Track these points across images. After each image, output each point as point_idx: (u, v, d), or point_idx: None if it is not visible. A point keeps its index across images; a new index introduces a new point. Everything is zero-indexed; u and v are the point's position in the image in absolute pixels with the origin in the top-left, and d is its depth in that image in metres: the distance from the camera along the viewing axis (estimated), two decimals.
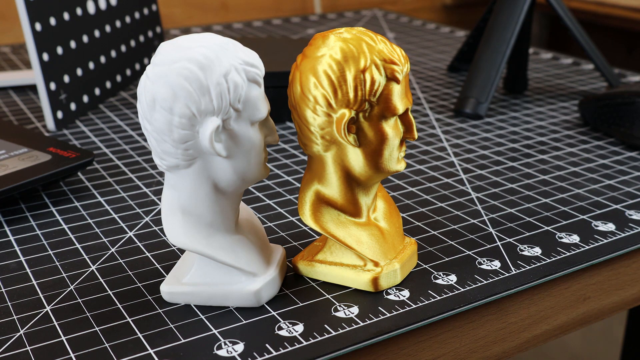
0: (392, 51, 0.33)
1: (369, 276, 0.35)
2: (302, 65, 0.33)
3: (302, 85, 0.33)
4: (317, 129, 0.33)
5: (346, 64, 0.32)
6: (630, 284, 0.42)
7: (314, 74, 0.32)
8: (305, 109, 0.33)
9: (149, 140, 0.32)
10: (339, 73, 0.32)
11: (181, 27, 1.01)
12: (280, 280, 0.35)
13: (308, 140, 0.34)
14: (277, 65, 0.60)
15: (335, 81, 0.32)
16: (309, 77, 0.32)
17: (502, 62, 0.63)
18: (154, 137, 0.32)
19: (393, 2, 1.59)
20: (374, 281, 0.35)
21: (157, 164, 0.33)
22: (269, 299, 0.34)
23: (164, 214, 0.33)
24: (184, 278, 0.35)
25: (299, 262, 0.37)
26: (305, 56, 0.33)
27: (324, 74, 0.32)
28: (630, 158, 0.53)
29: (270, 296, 0.34)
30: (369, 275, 0.35)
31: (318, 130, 0.33)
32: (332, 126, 0.33)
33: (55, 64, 0.58)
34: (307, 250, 0.38)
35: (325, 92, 0.32)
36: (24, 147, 0.48)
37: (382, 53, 0.32)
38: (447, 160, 0.53)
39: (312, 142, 0.34)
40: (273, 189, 0.48)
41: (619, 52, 1.71)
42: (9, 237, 0.41)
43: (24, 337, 0.32)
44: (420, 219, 0.43)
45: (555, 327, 0.39)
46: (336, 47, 0.32)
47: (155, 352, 0.31)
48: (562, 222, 0.43)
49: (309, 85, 0.32)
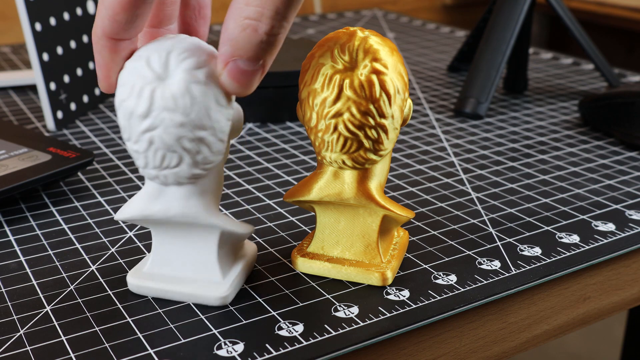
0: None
1: (380, 271, 0.35)
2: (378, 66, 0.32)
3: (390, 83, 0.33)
4: (397, 123, 0.33)
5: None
6: (630, 284, 0.42)
7: (399, 74, 0.33)
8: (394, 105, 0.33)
9: (193, 158, 0.31)
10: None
11: None
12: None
13: (387, 144, 0.33)
14: (277, 65, 0.60)
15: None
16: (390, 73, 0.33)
17: (502, 62, 0.63)
18: (210, 142, 0.31)
19: (393, 2, 1.59)
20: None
21: (188, 178, 0.32)
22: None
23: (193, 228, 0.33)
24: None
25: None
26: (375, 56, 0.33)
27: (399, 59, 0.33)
28: (630, 158, 0.53)
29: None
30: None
31: (398, 125, 0.33)
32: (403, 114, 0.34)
33: (55, 64, 0.58)
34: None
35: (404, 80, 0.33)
36: (24, 147, 0.48)
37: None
38: (447, 160, 0.53)
39: (390, 143, 0.34)
40: (273, 189, 0.48)
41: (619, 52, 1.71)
42: (9, 237, 0.41)
43: (24, 337, 0.32)
44: (420, 219, 0.43)
45: (555, 327, 0.39)
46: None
47: (155, 352, 0.31)
48: (562, 222, 0.43)
49: (396, 81, 0.33)
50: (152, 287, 0.35)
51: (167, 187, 0.32)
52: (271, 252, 0.39)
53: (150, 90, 0.29)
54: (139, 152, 0.31)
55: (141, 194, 0.33)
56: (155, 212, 0.33)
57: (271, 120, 0.61)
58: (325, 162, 0.35)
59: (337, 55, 0.32)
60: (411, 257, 0.39)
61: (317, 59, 0.33)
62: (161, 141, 0.30)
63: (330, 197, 0.35)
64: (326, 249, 0.37)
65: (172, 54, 0.30)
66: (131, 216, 0.33)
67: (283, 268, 0.38)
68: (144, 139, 0.30)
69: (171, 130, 0.30)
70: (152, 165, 0.31)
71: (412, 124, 0.61)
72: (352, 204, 0.35)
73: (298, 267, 0.37)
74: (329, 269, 0.36)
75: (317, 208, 0.37)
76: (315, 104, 0.33)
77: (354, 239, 0.37)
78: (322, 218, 0.37)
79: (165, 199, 0.33)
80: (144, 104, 0.29)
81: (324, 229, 0.37)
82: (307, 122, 0.34)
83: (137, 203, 0.33)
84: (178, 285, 0.34)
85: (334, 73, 0.32)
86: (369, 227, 0.36)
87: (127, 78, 0.30)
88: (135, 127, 0.30)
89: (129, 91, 0.30)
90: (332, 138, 0.33)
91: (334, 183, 0.35)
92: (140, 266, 0.36)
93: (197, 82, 0.30)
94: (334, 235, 0.37)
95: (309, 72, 0.33)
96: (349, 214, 0.36)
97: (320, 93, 0.32)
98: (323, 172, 0.35)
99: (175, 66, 0.30)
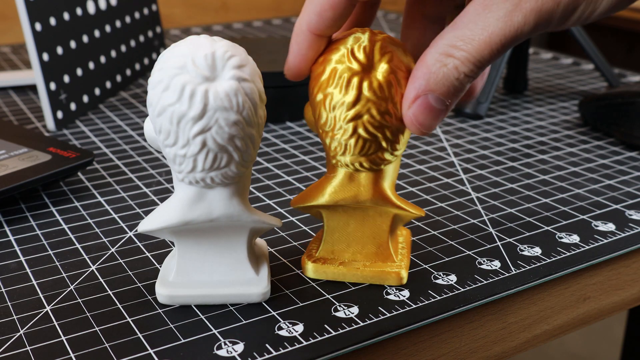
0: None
1: (395, 271, 0.36)
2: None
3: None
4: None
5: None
6: (630, 284, 0.42)
7: (411, 60, 0.33)
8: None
9: (241, 156, 0.31)
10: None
11: (181, 27, 1.01)
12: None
13: (403, 143, 0.33)
14: (277, 65, 0.60)
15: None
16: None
17: (502, 62, 0.63)
18: (256, 138, 0.31)
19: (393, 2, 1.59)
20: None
21: (234, 178, 0.32)
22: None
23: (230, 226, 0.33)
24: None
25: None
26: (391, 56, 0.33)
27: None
28: (630, 158, 0.53)
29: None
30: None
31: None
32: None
33: (55, 64, 0.58)
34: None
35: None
36: (24, 147, 0.48)
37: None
38: (447, 160, 0.53)
39: (404, 143, 0.34)
40: (273, 189, 0.48)
41: (619, 52, 1.71)
42: (9, 237, 0.41)
43: (24, 337, 0.32)
44: (421, 219, 0.43)
45: (555, 327, 0.39)
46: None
47: (155, 352, 0.31)
48: (562, 222, 0.43)
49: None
50: (188, 295, 0.34)
51: (208, 189, 0.32)
52: (271, 252, 0.39)
53: (203, 92, 0.29)
54: (187, 156, 0.30)
55: (175, 200, 0.32)
56: (197, 217, 0.32)
57: (271, 120, 0.61)
58: (339, 166, 0.34)
59: (352, 57, 0.32)
60: (411, 257, 0.39)
61: (332, 62, 0.32)
62: (214, 142, 0.30)
63: (346, 201, 0.34)
64: (337, 252, 0.37)
65: (217, 54, 0.30)
66: (168, 224, 0.32)
67: (283, 268, 0.38)
68: (196, 141, 0.30)
69: (225, 130, 0.30)
70: (201, 167, 0.31)
71: None
72: (365, 206, 0.35)
73: (309, 273, 0.36)
74: (344, 274, 0.36)
75: (325, 212, 0.36)
76: (332, 107, 0.32)
77: (365, 240, 0.36)
78: (330, 222, 0.36)
79: (207, 202, 0.32)
80: (198, 106, 0.29)
81: (332, 232, 0.36)
82: (321, 125, 0.33)
83: (173, 210, 0.32)
84: (215, 289, 0.34)
85: (352, 75, 0.32)
86: (379, 227, 0.36)
87: (173, 82, 0.29)
88: (186, 130, 0.30)
89: (177, 95, 0.29)
90: (351, 140, 0.32)
91: (349, 186, 0.34)
92: (164, 276, 0.35)
93: (245, 79, 0.30)
94: (344, 238, 0.36)
95: (324, 75, 0.32)
96: (358, 215, 0.36)
97: (338, 96, 0.32)
98: (336, 175, 0.34)
99: (223, 65, 0.30)
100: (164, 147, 0.31)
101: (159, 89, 0.30)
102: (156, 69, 0.30)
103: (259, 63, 0.38)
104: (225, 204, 0.32)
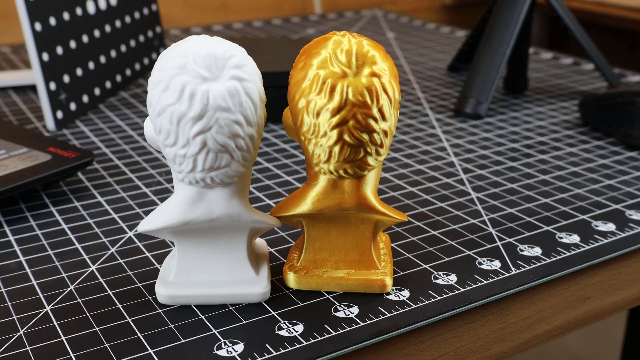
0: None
1: (379, 278, 0.35)
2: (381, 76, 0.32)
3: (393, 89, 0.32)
4: (394, 126, 0.33)
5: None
6: (630, 284, 0.42)
7: (394, 76, 0.32)
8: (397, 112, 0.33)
9: (241, 156, 0.31)
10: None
11: (181, 27, 1.01)
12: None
13: (387, 147, 0.33)
14: (277, 65, 0.60)
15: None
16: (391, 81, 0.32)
17: (502, 62, 0.63)
18: (256, 137, 0.31)
19: (393, 2, 1.58)
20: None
21: (234, 177, 0.32)
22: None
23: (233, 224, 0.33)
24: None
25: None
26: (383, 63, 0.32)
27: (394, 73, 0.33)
28: (630, 158, 0.53)
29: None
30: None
31: (394, 128, 0.33)
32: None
33: (55, 64, 0.58)
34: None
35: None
36: (24, 147, 0.48)
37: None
38: (447, 160, 0.53)
39: (388, 147, 0.33)
40: (273, 189, 0.48)
41: (619, 52, 1.71)
42: (9, 237, 0.41)
43: (24, 337, 0.32)
44: (420, 219, 0.43)
45: (555, 327, 0.39)
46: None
47: (155, 352, 0.31)
48: (562, 222, 0.43)
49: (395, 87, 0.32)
50: (188, 295, 0.34)
51: (208, 189, 0.32)
52: (271, 252, 0.39)
53: (203, 92, 0.29)
54: (187, 156, 0.30)
55: (175, 200, 0.32)
56: (197, 217, 0.32)
57: (271, 120, 0.61)
58: (322, 173, 0.33)
59: (334, 62, 0.31)
60: (411, 257, 0.39)
61: (313, 66, 0.31)
62: (214, 142, 0.30)
63: (330, 209, 0.34)
64: (319, 261, 0.36)
65: (216, 54, 0.30)
66: (168, 224, 0.32)
67: (283, 268, 0.38)
68: (196, 141, 0.30)
69: (225, 130, 0.30)
70: (201, 167, 0.31)
71: (412, 124, 0.61)
72: (348, 214, 0.34)
73: (292, 284, 0.35)
74: (327, 284, 0.35)
75: (306, 220, 0.35)
76: (316, 113, 0.31)
77: (348, 247, 0.36)
78: (311, 230, 0.35)
79: (207, 202, 0.32)
80: (198, 106, 0.29)
81: (314, 241, 0.35)
82: (304, 132, 0.32)
83: (173, 210, 0.32)
84: (215, 289, 0.34)
85: (335, 80, 0.31)
86: (362, 234, 0.35)
87: (173, 82, 0.29)
88: (186, 130, 0.30)
89: (177, 95, 0.29)
90: (335, 147, 0.31)
91: (333, 194, 0.34)
92: (164, 276, 0.35)
93: (245, 79, 0.30)
94: (326, 247, 0.36)
95: (305, 81, 0.31)
96: (340, 223, 0.35)
97: (322, 101, 0.31)
98: (318, 183, 0.34)
99: (223, 65, 0.30)
100: (164, 147, 0.31)
101: (159, 89, 0.30)
102: (156, 69, 0.30)
103: (259, 63, 0.38)
104: (225, 204, 0.32)
